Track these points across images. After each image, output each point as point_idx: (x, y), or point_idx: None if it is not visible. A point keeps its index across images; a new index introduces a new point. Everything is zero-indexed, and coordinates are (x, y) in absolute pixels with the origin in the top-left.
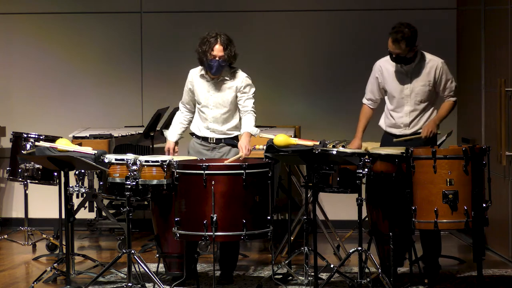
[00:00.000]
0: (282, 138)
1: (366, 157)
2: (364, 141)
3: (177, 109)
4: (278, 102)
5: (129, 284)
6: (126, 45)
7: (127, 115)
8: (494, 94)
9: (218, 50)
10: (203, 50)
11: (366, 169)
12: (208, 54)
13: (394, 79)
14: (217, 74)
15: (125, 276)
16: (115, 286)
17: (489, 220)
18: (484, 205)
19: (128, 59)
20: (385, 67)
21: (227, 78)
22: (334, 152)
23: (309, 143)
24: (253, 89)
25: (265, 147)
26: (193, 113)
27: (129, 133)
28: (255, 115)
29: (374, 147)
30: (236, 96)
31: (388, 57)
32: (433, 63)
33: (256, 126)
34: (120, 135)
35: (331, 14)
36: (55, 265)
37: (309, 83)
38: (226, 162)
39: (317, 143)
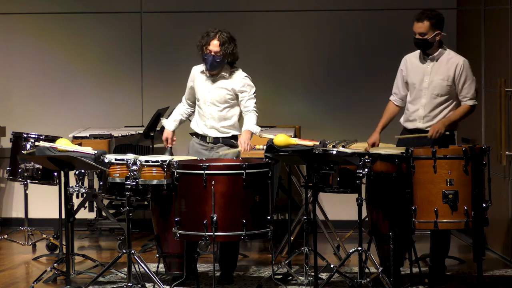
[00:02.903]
0: (282, 138)
1: (366, 157)
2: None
3: None
4: (278, 102)
5: (129, 284)
6: (126, 45)
7: (127, 115)
8: (494, 94)
9: (214, 45)
10: (201, 44)
11: (366, 169)
12: (204, 48)
13: (416, 71)
14: (213, 70)
15: (125, 276)
16: (115, 286)
17: (489, 220)
18: (484, 205)
19: (128, 59)
20: (410, 59)
21: (226, 76)
22: (334, 152)
23: (309, 143)
24: (253, 89)
25: (265, 147)
26: (194, 108)
27: (129, 133)
28: (257, 114)
29: (374, 147)
30: (235, 96)
31: (415, 52)
32: (455, 60)
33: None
34: (120, 135)
35: (331, 14)
36: (55, 265)
37: (309, 83)
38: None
39: (317, 143)
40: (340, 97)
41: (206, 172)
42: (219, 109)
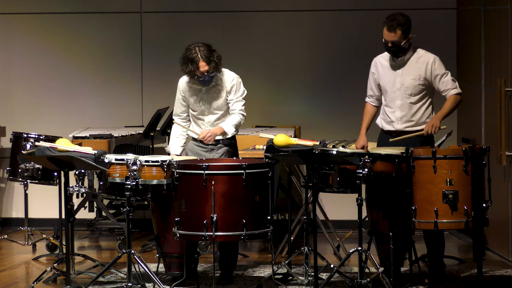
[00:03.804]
0: (282, 138)
1: (366, 157)
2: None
3: None
4: (278, 102)
5: (129, 284)
6: (126, 45)
7: (127, 115)
8: (494, 94)
9: (203, 66)
10: (190, 70)
11: (366, 169)
12: (196, 73)
13: (387, 73)
14: (210, 84)
15: (125, 276)
16: (115, 286)
17: (489, 220)
18: (484, 205)
19: (128, 59)
20: (380, 62)
21: (218, 83)
22: (334, 152)
23: (309, 143)
24: (241, 90)
25: (265, 147)
26: (189, 121)
27: (129, 133)
28: (243, 117)
29: (374, 147)
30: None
31: (385, 53)
32: (424, 58)
33: (256, 126)
34: (120, 135)
35: (331, 14)
36: (55, 265)
37: (309, 83)
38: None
39: (317, 143)
40: (340, 97)
41: (206, 172)
42: (217, 116)
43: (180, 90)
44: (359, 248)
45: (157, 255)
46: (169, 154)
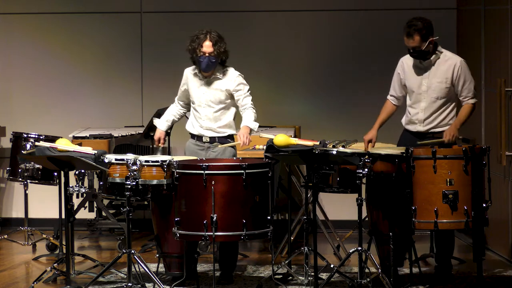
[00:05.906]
0: (282, 138)
1: (366, 157)
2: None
3: None
4: (278, 102)
5: (129, 284)
6: (126, 45)
7: (127, 115)
8: (494, 94)
9: (207, 46)
10: (192, 48)
11: (366, 169)
12: (197, 51)
13: (413, 74)
14: (208, 71)
15: (125, 276)
16: (115, 286)
17: (489, 220)
18: (484, 205)
19: (128, 59)
20: (406, 62)
21: (219, 77)
22: (334, 152)
23: (309, 143)
24: (247, 87)
25: (265, 147)
26: (187, 108)
27: (129, 133)
28: (255, 111)
29: (374, 147)
30: (229, 96)
31: None
32: (452, 61)
33: None
34: (120, 135)
35: (331, 14)
36: (55, 265)
37: (309, 83)
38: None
39: (317, 143)
40: (340, 97)
41: (206, 172)
42: (214, 110)
43: (183, 80)
44: (359, 248)
45: (157, 255)
46: (155, 127)
